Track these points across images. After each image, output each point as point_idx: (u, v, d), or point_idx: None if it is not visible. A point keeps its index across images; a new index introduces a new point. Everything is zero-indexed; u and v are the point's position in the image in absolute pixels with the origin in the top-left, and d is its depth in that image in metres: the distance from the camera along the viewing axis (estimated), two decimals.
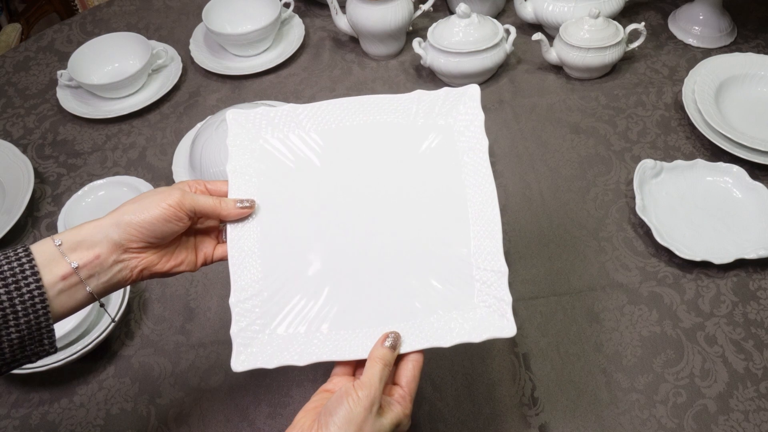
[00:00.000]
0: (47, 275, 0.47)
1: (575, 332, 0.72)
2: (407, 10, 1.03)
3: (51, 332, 0.48)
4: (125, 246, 0.50)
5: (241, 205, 0.54)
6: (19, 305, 0.45)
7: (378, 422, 0.47)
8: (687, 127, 0.94)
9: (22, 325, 0.45)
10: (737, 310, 0.73)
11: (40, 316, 0.46)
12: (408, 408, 0.50)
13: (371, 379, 0.48)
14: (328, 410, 0.46)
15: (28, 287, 0.46)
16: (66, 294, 0.48)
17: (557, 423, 0.66)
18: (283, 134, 0.59)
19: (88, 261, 0.49)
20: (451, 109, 0.59)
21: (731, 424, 0.65)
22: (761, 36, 1.08)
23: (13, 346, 0.46)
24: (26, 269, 0.46)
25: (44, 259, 0.47)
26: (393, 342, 0.51)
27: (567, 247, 0.80)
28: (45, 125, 1.03)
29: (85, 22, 1.23)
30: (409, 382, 0.51)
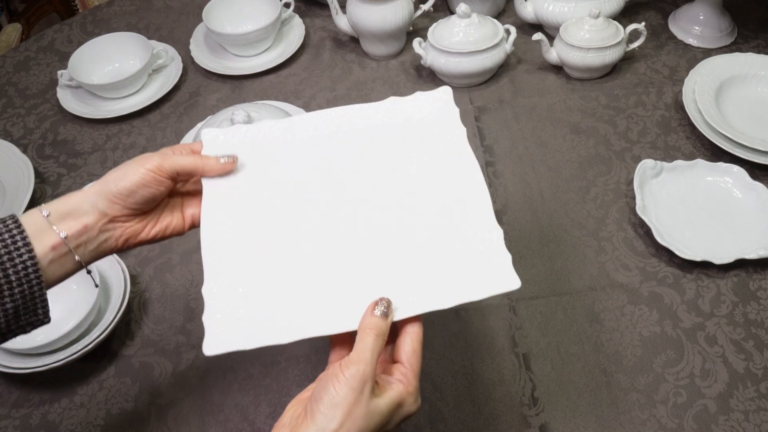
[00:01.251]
0: (38, 246, 0.47)
1: (575, 332, 0.72)
2: (407, 10, 1.03)
3: (45, 302, 0.48)
4: (110, 215, 0.51)
5: (224, 161, 0.54)
6: (13, 275, 0.46)
7: (372, 403, 0.42)
8: (687, 127, 0.94)
9: (16, 295, 0.46)
10: (737, 310, 0.73)
11: (34, 286, 0.47)
12: (412, 385, 0.45)
13: (361, 354, 0.43)
14: (315, 396, 0.42)
15: (21, 258, 0.46)
16: (56, 263, 0.49)
17: (557, 423, 0.66)
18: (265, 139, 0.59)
19: (76, 231, 0.49)
20: (428, 106, 0.61)
21: (731, 424, 0.65)
22: (761, 36, 1.08)
23: (8, 317, 0.47)
24: (18, 240, 0.46)
25: (34, 229, 0.48)
26: (384, 309, 0.46)
27: (567, 247, 0.80)
28: (45, 125, 1.03)
29: (86, 22, 1.23)
30: (410, 356, 0.46)
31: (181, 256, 0.83)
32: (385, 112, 0.61)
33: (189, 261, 0.82)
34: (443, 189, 0.55)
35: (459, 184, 0.55)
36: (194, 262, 0.82)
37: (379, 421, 0.43)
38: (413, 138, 0.59)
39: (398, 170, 0.57)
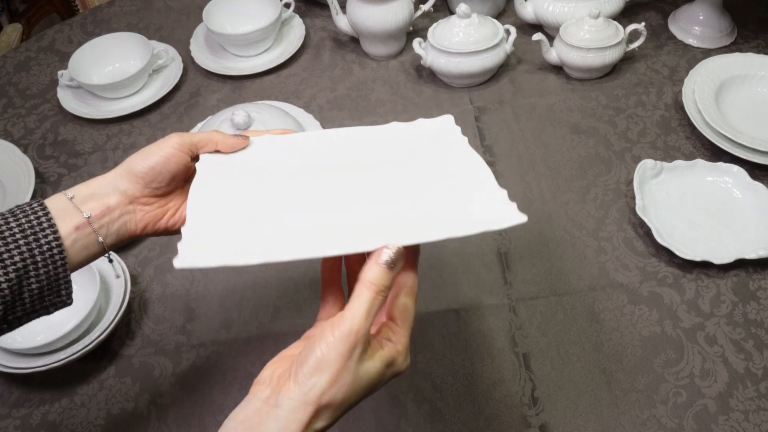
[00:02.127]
0: (62, 226, 0.48)
1: (575, 332, 0.72)
2: (407, 11, 1.03)
3: (68, 283, 0.49)
4: (132, 196, 0.51)
5: (238, 136, 0.55)
6: (39, 255, 0.46)
7: (362, 368, 0.40)
8: (687, 127, 0.94)
9: (41, 276, 0.47)
10: (737, 310, 0.73)
11: (59, 267, 0.47)
12: (402, 344, 0.42)
13: (354, 313, 0.39)
14: (301, 359, 0.39)
15: (46, 238, 0.47)
16: (79, 244, 0.49)
17: (557, 423, 0.66)
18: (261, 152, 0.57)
19: (99, 212, 0.50)
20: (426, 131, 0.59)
21: (731, 424, 0.65)
22: (761, 36, 1.08)
23: (33, 297, 0.47)
24: (43, 221, 0.47)
25: (58, 211, 0.48)
26: (392, 257, 0.40)
27: (567, 247, 0.80)
28: (46, 125, 1.03)
29: (86, 22, 1.23)
30: (402, 313, 0.44)
31: None
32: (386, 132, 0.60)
33: None
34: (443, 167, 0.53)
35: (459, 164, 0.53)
36: None
37: (367, 385, 0.41)
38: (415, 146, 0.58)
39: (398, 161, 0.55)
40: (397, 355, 0.42)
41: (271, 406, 0.39)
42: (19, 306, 0.47)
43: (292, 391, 0.39)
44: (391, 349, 0.42)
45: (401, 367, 0.43)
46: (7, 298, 0.45)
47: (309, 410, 0.39)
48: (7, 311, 0.46)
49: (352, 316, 0.39)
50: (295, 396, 0.38)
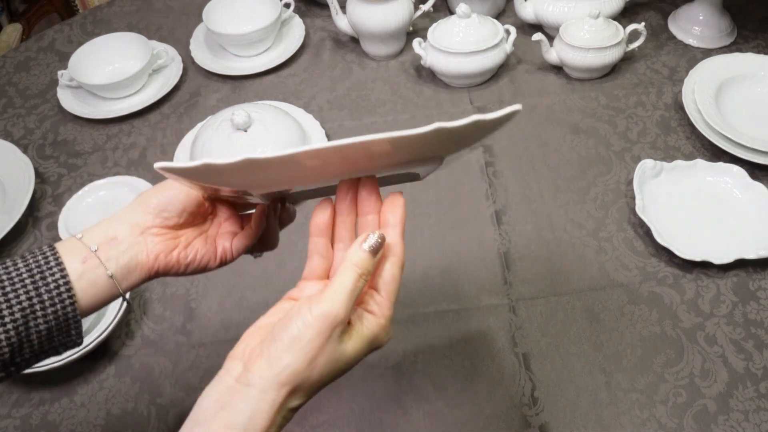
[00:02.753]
0: (69, 262, 0.46)
1: (575, 332, 0.72)
2: (407, 11, 1.03)
3: (78, 322, 0.47)
4: (142, 226, 0.49)
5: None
6: (45, 294, 0.45)
7: (340, 348, 0.38)
8: (687, 127, 0.94)
9: (49, 316, 0.45)
10: (737, 310, 0.73)
11: (67, 306, 0.46)
12: (385, 317, 0.41)
13: (336, 294, 0.38)
14: (273, 334, 0.38)
15: (53, 276, 0.45)
16: (86, 279, 0.47)
17: (557, 423, 0.66)
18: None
19: (105, 242, 0.48)
20: None
21: (731, 424, 0.65)
22: (761, 36, 1.08)
23: (42, 337, 0.45)
24: (50, 260, 0.46)
25: (67, 250, 0.47)
26: (375, 244, 0.40)
27: (567, 247, 0.80)
28: (45, 125, 1.03)
29: (86, 23, 1.23)
30: (388, 283, 0.41)
31: None
32: None
33: None
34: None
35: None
36: None
37: (345, 365, 0.39)
38: None
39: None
40: (379, 330, 0.41)
41: (243, 385, 0.38)
42: (27, 347, 0.45)
43: (264, 370, 0.37)
44: (373, 324, 0.40)
45: (383, 341, 0.41)
46: (14, 339, 0.43)
47: (282, 391, 0.37)
48: (15, 354, 0.44)
49: (334, 297, 0.38)
50: (267, 375, 0.37)
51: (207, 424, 0.38)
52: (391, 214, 0.43)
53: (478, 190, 0.87)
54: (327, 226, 0.44)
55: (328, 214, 0.44)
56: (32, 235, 0.88)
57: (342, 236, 0.45)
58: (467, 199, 0.86)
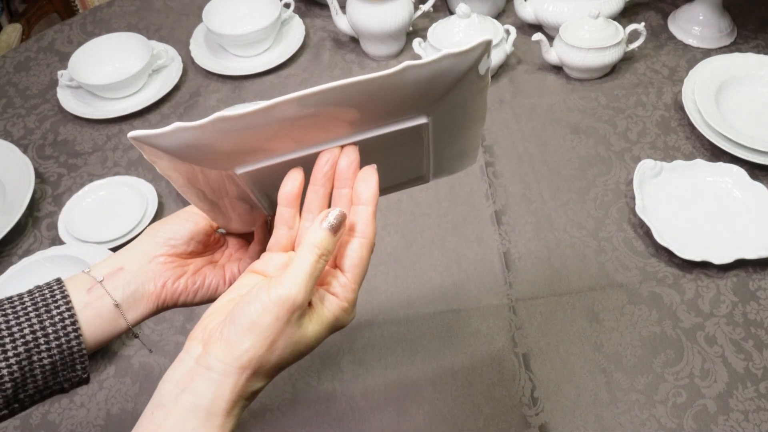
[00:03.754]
0: (75, 294, 0.45)
1: (575, 332, 0.72)
2: (407, 11, 1.03)
3: (83, 356, 0.45)
4: (150, 254, 0.48)
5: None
6: (50, 327, 0.44)
7: (300, 331, 0.37)
8: (687, 127, 0.94)
9: (53, 350, 0.44)
10: (737, 310, 0.73)
11: (72, 339, 0.44)
12: (349, 300, 0.40)
13: (294, 277, 0.37)
14: (232, 316, 0.37)
15: (58, 309, 0.44)
16: (91, 309, 0.46)
17: (557, 423, 0.66)
18: None
19: (111, 272, 0.47)
20: None
21: (731, 424, 0.65)
22: (761, 36, 1.08)
23: (46, 373, 0.44)
24: (56, 293, 0.45)
25: (73, 283, 0.46)
26: (336, 221, 0.38)
27: (567, 247, 0.80)
28: (45, 125, 1.03)
29: (86, 23, 1.23)
30: (354, 265, 0.40)
31: None
32: None
33: None
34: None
35: None
36: None
37: (305, 348, 0.39)
38: None
39: None
40: (341, 313, 0.39)
41: (203, 368, 0.37)
42: (30, 383, 0.44)
43: (224, 353, 0.37)
44: (335, 306, 0.39)
45: (345, 322, 0.40)
46: (17, 375, 0.43)
47: (243, 375, 0.37)
48: (18, 389, 0.43)
49: (293, 281, 0.36)
50: (226, 359, 0.37)
51: (169, 407, 0.37)
52: (363, 188, 0.40)
53: (478, 190, 0.87)
54: (296, 197, 0.42)
55: (298, 183, 0.42)
56: (32, 235, 0.88)
57: (311, 207, 0.42)
58: (467, 199, 0.86)
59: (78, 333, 0.44)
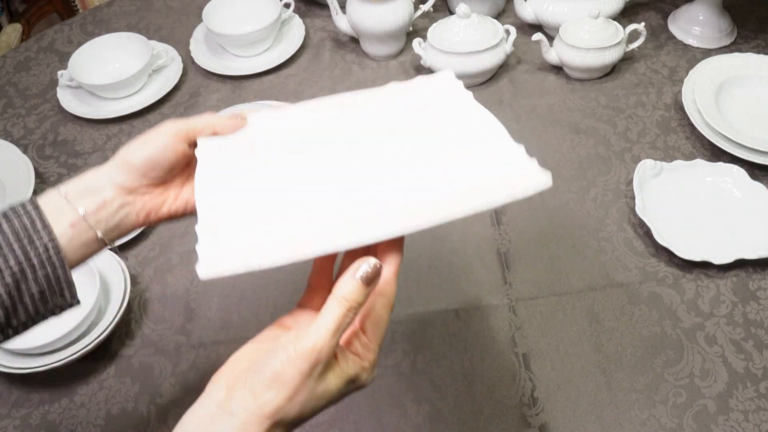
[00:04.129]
0: (57, 225, 0.46)
1: (575, 332, 0.72)
2: (407, 11, 1.03)
3: (71, 284, 0.47)
4: (130, 187, 0.50)
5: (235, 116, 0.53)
6: (35, 258, 0.45)
7: (321, 385, 0.38)
8: (687, 127, 0.94)
9: (40, 278, 0.45)
10: (737, 310, 0.73)
11: (57, 269, 0.46)
12: (369, 360, 0.40)
13: (320, 331, 0.37)
14: (258, 365, 0.38)
15: (41, 240, 0.45)
16: (77, 241, 0.47)
17: (557, 423, 0.66)
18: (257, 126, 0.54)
19: (95, 207, 0.48)
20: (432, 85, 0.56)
21: (731, 424, 0.65)
22: (761, 36, 1.08)
23: (35, 300, 0.46)
24: (36, 222, 0.46)
25: (53, 210, 0.47)
26: (369, 273, 0.38)
27: (567, 247, 0.80)
28: (45, 125, 1.03)
29: (86, 23, 1.23)
30: (375, 325, 0.41)
31: (181, 256, 0.83)
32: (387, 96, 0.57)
33: (189, 261, 0.82)
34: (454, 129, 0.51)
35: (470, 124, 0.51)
36: (194, 262, 0.82)
37: (325, 402, 0.39)
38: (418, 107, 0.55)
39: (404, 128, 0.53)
40: (361, 372, 0.40)
41: (225, 413, 0.38)
42: (21, 310, 0.46)
43: (247, 401, 0.37)
44: (356, 365, 0.40)
45: (365, 382, 0.41)
46: (7, 303, 0.44)
47: (264, 425, 0.37)
48: (9, 316, 0.45)
49: (318, 333, 0.37)
50: (250, 407, 0.37)
51: None
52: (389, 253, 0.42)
53: None
54: (330, 260, 0.45)
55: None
56: None
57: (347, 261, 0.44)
58: None
59: (63, 263, 0.46)
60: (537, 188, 0.45)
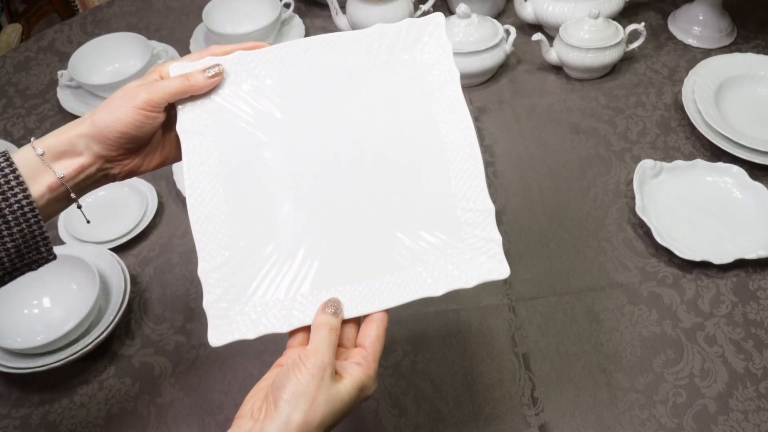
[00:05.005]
0: (34, 186, 0.47)
1: (575, 332, 0.72)
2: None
3: (46, 240, 0.48)
4: (107, 156, 0.50)
5: (210, 74, 0.52)
6: (10, 215, 0.46)
7: (334, 389, 0.44)
8: (687, 127, 0.94)
9: (15, 234, 0.46)
10: (737, 310, 0.73)
11: (33, 225, 0.47)
12: (371, 369, 0.47)
13: (318, 346, 0.45)
14: (276, 385, 0.44)
15: (16, 197, 0.46)
16: (53, 202, 0.49)
17: (557, 423, 0.66)
18: (235, 85, 0.54)
19: (72, 171, 0.49)
20: (416, 41, 0.55)
21: (731, 424, 0.65)
22: (761, 36, 1.08)
23: (11, 255, 0.47)
24: (11, 180, 0.46)
25: (29, 169, 0.47)
26: (334, 309, 0.49)
27: (567, 247, 0.80)
28: (45, 125, 1.03)
29: (86, 23, 1.23)
30: (373, 341, 0.48)
31: (181, 256, 0.83)
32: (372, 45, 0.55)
33: (189, 261, 0.82)
34: (435, 155, 0.53)
35: (453, 153, 0.53)
36: (194, 262, 0.81)
37: (341, 407, 0.44)
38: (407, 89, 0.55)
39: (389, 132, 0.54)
40: (366, 379, 0.46)
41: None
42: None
43: (275, 419, 0.42)
44: (359, 374, 0.46)
45: (371, 390, 0.47)
46: None
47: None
48: None
49: (317, 350, 0.45)
50: (278, 420, 0.42)
51: None
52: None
53: None
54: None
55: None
56: None
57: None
58: None
59: (38, 219, 0.47)
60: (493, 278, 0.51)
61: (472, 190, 0.52)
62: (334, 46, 0.55)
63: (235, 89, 0.54)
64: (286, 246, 0.51)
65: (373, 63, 0.55)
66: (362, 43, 0.55)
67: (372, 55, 0.55)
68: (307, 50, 0.55)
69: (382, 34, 0.55)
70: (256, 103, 0.54)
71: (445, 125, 0.53)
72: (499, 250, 0.51)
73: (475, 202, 0.52)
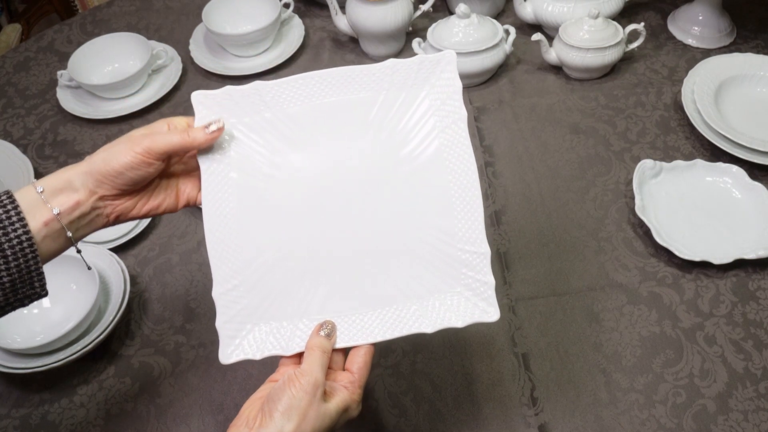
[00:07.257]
0: (32, 221, 0.48)
1: (575, 332, 0.73)
2: (407, 11, 1.03)
3: (41, 275, 0.50)
4: (100, 194, 0.52)
5: (210, 131, 0.53)
6: (8, 250, 0.47)
7: (323, 407, 0.48)
8: (686, 127, 0.94)
9: (12, 269, 0.47)
10: (736, 310, 0.73)
11: (30, 260, 0.48)
12: (356, 393, 0.50)
13: (311, 366, 0.49)
14: (272, 398, 0.47)
15: (15, 232, 0.47)
16: (49, 239, 0.50)
17: (557, 423, 0.66)
18: (250, 118, 0.56)
19: (68, 207, 0.50)
20: (427, 78, 0.56)
21: (730, 424, 0.65)
22: (761, 36, 1.08)
23: (6, 290, 0.48)
24: (12, 215, 0.48)
25: (28, 204, 0.49)
26: (328, 331, 0.53)
27: (567, 247, 0.80)
28: (45, 125, 1.03)
29: (85, 23, 1.23)
30: (360, 368, 0.52)
31: (180, 256, 0.83)
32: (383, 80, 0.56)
33: (189, 261, 0.82)
34: (439, 196, 0.55)
35: (457, 194, 0.54)
36: (194, 262, 0.82)
37: (329, 423, 0.48)
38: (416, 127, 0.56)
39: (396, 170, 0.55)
40: (351, 402, 0.50)
41: None
42: None
43: (269, 427, 0.46)
44: (345, 397, 0.50)
45: (354, 413, 0.51)
46: None
47: None
48: None
49: (311, 369, 0.49)
50: (272, 429, 0.46)
51: None
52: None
53: None
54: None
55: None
56: None
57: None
58: None
59: (36, 254, 0.48)
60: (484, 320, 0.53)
61: (471, 232, 0.54)
62: (347, 79, 0.56)
63: (250, 122, 0.56)
64: (293, 274, 0.55)
65: (385, 98, 0.56)
66: (374, 77, 0.56)
67: (383, 90, 0.56)
68: (320, 83, 0.56)
69: (394, 69, 0.56)
70: (269, 135, 0.56)
71: (450, 165, 0.55)
72: (491, 294, 0.53)
73: (473, 244, 0.53)
